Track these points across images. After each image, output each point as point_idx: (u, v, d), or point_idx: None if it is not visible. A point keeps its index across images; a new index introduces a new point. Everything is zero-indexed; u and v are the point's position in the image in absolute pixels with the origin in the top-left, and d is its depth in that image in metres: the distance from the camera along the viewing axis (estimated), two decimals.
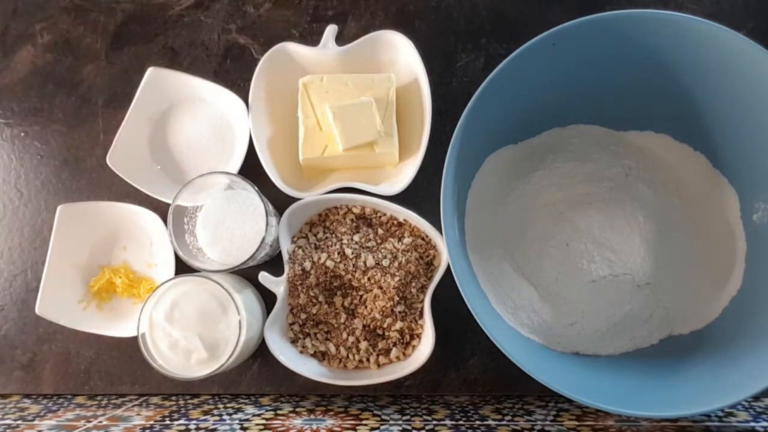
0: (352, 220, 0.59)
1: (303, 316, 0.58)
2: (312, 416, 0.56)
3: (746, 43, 0.46)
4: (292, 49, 0.60)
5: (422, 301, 0.57)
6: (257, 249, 0.54)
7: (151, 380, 0.61)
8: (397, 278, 0.55)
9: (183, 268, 0.57)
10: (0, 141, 0.65)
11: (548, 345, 0.54)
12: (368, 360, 0.57)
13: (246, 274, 0.60)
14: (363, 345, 0.57)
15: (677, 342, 0.54)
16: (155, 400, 0.61)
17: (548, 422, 0.53)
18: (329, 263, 0.57)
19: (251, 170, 0.59)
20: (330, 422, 0.53)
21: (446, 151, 0.49)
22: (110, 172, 0.60)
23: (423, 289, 0.57)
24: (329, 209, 0.60)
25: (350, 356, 0.57)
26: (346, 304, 0.58)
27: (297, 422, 0.54)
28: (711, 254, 0.55)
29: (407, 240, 0.57)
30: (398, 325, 0.56)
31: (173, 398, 0.61)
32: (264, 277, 0.57)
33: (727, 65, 0.48)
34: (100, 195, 0.63)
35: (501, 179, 0.57)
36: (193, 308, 0.53)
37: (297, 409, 0.58)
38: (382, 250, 0.57)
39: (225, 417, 0.55)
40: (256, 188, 0.55)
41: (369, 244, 0.57)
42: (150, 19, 0.66)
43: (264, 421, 0.54)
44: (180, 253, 0.54)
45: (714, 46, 0.48)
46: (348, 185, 0.59)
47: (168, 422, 0.54)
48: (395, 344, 0.57)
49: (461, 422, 0.53)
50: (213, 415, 0.56)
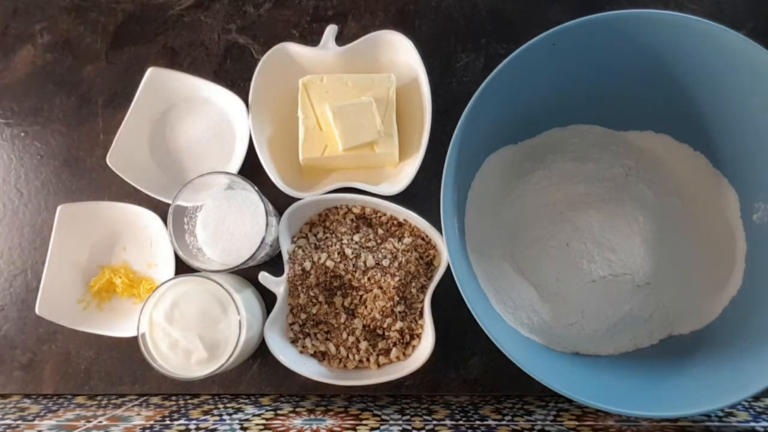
0: (352, 220, 0.59)
1: (303, 316, 0.58)
2: (312, 416, 0.56)
3: (746, 43, 0.46)
4: (292, 49, 0.60)
5: (422, 301, 0.57)
6: (257, 249, 0.54)
7: (151, 380, 0.61)
8: (397, 278, 0.55)
9: (183, 268, 0.57)
10: (0, 141, 0.65)
11: (548, 345, 0.54)
12: (368, 360, 0.57)
13: (246, 274, 0.60)
14: (363, 345, 0.57)
15: (677, 342, 0.54)
16: (155, 400, 0.61)
17: (548, 422, 0.53)
18: (329, 263, 0.57)
19: (251, 170, 0.59)
20: (330, 422, 0.53)
21: (446, 151, 0.49)
22: (110, 172, 0.60)
23: (423, 289, 0.57)
24: (329, 209, 0.60)
25: (350, 356, 0.57)
26: (346, 304, 0.58)
27: (297, 422, 0.54)
28: (711, 254, 0.55)
29: (407, 240, 0.57)
30: (398, 325, 0.56)
31: (173, 398, 0.61)
32: (264, 277, 0.57)
33: (727, 65, 0.48)
34: (100, 195, 0.63)
35: (501, 179, 0.57)
36: (193, 308, 0.53)
37: (297, 409, 0.58)
38: (382, 250, 0.57)
39: (225, 417, 0.55)
40: (256, 188, 0.55)
41: (369, 244, 0.57)
42: (150, 19, 0.66)
43: (264, 421, 0.54)
44: (180, 253, 0.54)
45: (714, 46, 0.48)
46: (348, 185, 0.59)
47: (168, 422, 0.54)
48: (395, 344, 0.57)
49: (461, 422, 0.53)
50: (213, 415, 0.56)
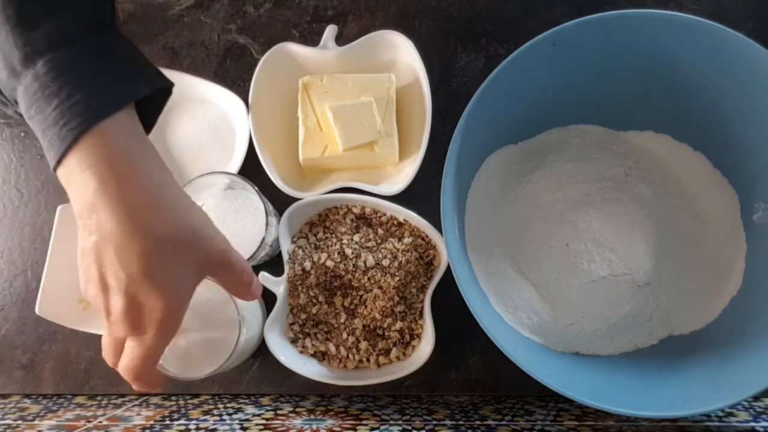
0: (352, 220, 0.59)
1: (303, 316, 0.58)
2: (312, 416, 0.56)
3: (746, 43, 0.46)
4: (292, 49, 0.60)
5: (422, 301, 0.57)
6: (257, 249, 0.54)
7: None
8: (397, 278, 0.55)
9: None
10: (0, 141, 0.65)
11: (548, 345, 0.54)
12: (368, 360, 0.57)
13: None
14: (363, 345, 0.57)
15: (677, 342, 0.54)
16: (155, 400, 0.61)
17: (548, 422, 0.53)
18: (329, 263, 0.57)
19: (251, 170, 0.59)
20: (330, 422, 0.53)
21: (446, 151, 0.49)
22: None
23: (423, 289, 0.57)
24: (329, 209, 0.60)
25: (350, 356, 0.57)
26: (346, 304, 0.58)
27: (297, 422, 0.54)
28: (711, 254, 0.55)
29: (407, 240, 0.57)
30: (398, 325, 0.56)
31: (173, 398, 0.61)
32: (264, 277, 0.57)
33: (727, 65, 0.48)
34: None
35: (501, 179, 0.57)
36: (193, 308, 0.52)
37: (297, 409, 0.58)
38: (382, 250, 0.57)
39: (225, 417, 0.55)
40: (256, 188, 0.55)
41: (369, 244, 0.57)
42: (150, 19, 0.65)
43: (264, 421, 0.54)
44: None
45: (714, 46, 0.48)
46: (348, 185, 0.59)
47: (168, 422, 0.54)
48: (395, 344, 0.57)
49: (461, 422, 0.53)
50: (213, 415, 0.56)
